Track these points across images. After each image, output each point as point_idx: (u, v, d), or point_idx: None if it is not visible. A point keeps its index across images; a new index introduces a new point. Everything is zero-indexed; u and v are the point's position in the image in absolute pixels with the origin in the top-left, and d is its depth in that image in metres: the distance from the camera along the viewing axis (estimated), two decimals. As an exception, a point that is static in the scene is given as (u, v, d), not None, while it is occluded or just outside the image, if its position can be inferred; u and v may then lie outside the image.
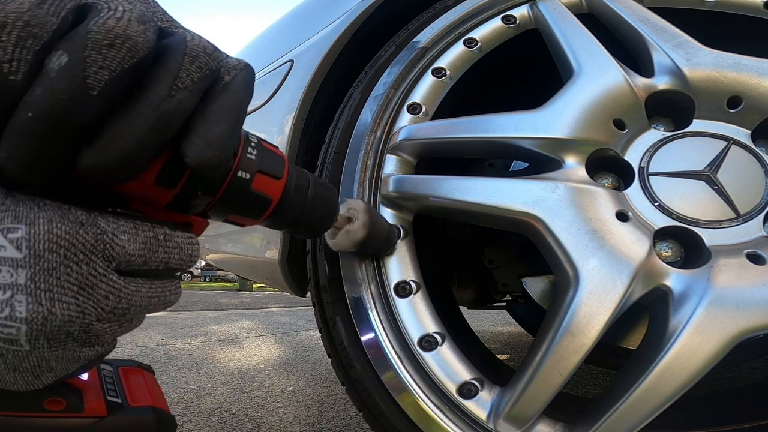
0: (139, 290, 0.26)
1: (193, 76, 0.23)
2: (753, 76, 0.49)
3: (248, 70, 0.27)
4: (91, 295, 0.23)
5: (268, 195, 0.30)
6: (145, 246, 0.25)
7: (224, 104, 0.24)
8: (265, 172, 0.29)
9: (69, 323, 0.23)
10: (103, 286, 0.24)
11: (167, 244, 0.27)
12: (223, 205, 0.28)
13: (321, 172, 0.59)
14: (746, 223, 0.44)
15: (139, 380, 0.39)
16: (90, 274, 0.23)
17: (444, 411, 0.44)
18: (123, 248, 0.24)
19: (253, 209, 0.30)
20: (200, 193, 0.27)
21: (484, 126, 0.52)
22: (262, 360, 1.80)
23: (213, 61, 0.24)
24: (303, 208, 0.33)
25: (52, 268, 0.22)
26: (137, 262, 0.25)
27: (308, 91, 0.70)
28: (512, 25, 0.64)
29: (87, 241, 0.23)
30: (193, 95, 0.23)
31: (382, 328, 0.48)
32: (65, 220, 0.22)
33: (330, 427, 0.98)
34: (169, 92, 0.22)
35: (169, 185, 0.25)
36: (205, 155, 0.23)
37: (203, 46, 0.24)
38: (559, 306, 0.42)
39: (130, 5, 0.22)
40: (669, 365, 0.38)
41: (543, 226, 0.44)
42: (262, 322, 3.40)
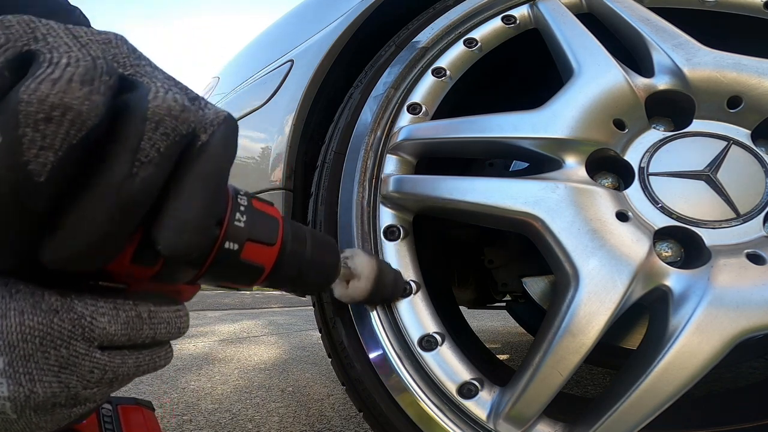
0: (125, 362, 0.25)
1: (158, 145, 0.19)
2: (753, 76, 0.49)
3: (228, 123, 0.23)
4: (74, 371, 0.23)
5: (259, 264, 0.28)
6: (128, 325, 0.24)
7: (200, 173, 0.21)
8: (256, 240, 0.27)
9: (53, 397, 0.22)
10: (86, 363, 0.23)
11: (152, 321, 0.25)
12: (212, 276, 0.27)
13: (321, 172, 0.59)
14: (746, 223, 0.44)
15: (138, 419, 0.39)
16: (71, 356, 0.22)
17: (444, 411, 0.44)
18: (104, 329, 0.23)
19: (243, 278, 0.28)
20: (184, 267, 0.25)
21: (484, 126, 0.52)
22: (262, 360, 1.80)
23: (182, 124, 0.20)
24: (300, 269, 0.31)
25: (29, 354, 0.21)
26: (121, 339, 0.24)
27: (308, 91, 0.70)
28: (512, 25, 0.64)
29: (63, 327, 0.22)
30: (161, 169, 0.20)
31: (382, 328, 0.48)
32: (37, 310, 0.21)
33: (330, 427, 0.98)
34: (131, 170, 0.19)
35: (147, 263, 0.24)
36: (180, 242, 0.21)
37: (168, 105, 0.20)
38: (559, 306, 0.42)
39: (81, 51, 0.19)
40: (669, 365, 0.38)
41: (543, 226, 0.44)
42: (262, 322, 3.40)
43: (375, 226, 0.53)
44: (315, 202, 0.58)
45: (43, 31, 0.19)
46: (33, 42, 0.18)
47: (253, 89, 0.89)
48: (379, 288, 0.42)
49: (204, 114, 0.22)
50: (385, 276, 0.43)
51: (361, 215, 0.53)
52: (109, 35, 0.22)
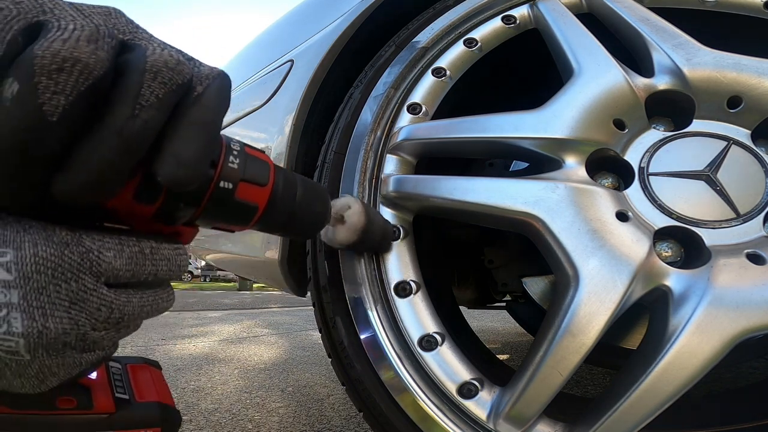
0: (131, 300, 0.27)
1: (157, 92, 0.22)
2: (753, 76, 0.49)
3: (221, 78, 0.26)
4: (83, 308, 0.24)
5: (253, 202, 0.30)
6: (132, 260, 0.26)
7: (195, 118, 0.24)
8: (249, 180, 0.29)
9: (64, 335, 0.24)
10: (94, 299, 0.24)
11: (154, 257, 0.27)
12: (209, 215, 0.28)
13: (321, 172, 0.59)
14: (746, 223, 0.44)
15: (146, 376, 0.40)
16: (80, 290, 0.24)
17: (444, 411, 0.44)
18: (110, 264, 0.25)
19: (239, 217, 0.30)
20: (182, 205, 0.27)
21: (484, 126, 0.52)
22: (262, 360, 1.80)
23: (178, 75, 0.23)
24: (292, 212, 0.33)
25: (42, 287, 0.22)
26: (125, 275, 0.26)
27: (308, 91, 0.70)
28: (512, 25, 0.64)
29: (73, 260, 0.23)
30: (160, 112, 0.22)
31: (382, 328, 0.48)
32: (50, 242, 0.23)
33: (330, 427, 0.98)
34: (132, 112, 0.21)
35: (148, 201, 0.25)
36: (178, 174, 0.23)
37: (165, 59, 0.22)
38: (559, 306, 0.42)
39: (85, 20, 0.21)
40: (669, 365, 0.38)
41: (543, 226, 0.44)
42: (262, 322, 3.40)
43: (375, 226, 0.53)
44: (315, 202, 0.58)
45: (50, 5, 0.22)
46: (41, 14, 0.21)
47: (253, 89, 0.89)
48: (367, 235, 0.43)
49: (200, 70, 0.25)
50: (374, 224, 0.44)
51: (361, 215, 0.53)
52: (109, 9, 0.24)
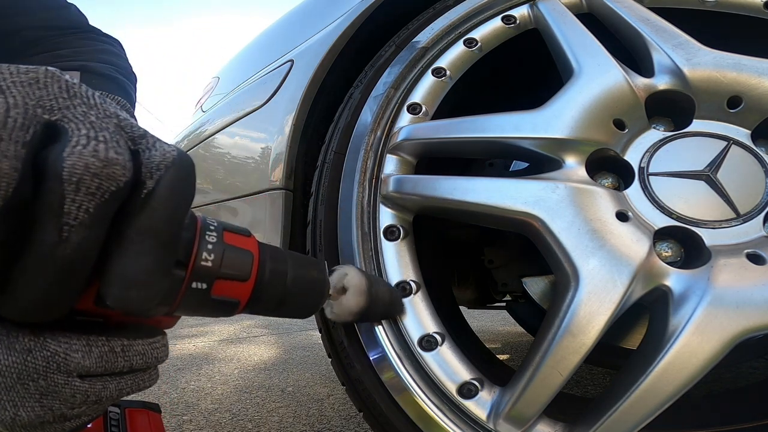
0: (107, 387, 0.26)
1: (85, 206, 0.18)
2: (753, 76, 0.49)
3: (177, 166, 0.22)
4: (56, 397, 0.24)
5: (233, 298, 0.27)
6: (102, 359, 0.25)
7: (145, 227, 0.20)
8: (227, 277, 0.26)
9: (38, 418, 0.24)
10: (67, 390, 0.24)
11: (126, 354, 0.26)
12: (184, 311, 0.27)
13: (321, 172, 0.59)
14: (746, 223, 0.44)
15: (143, 421, 0.41)
16: (50, 385, 0.23)
17: (444, 411, 0.44)
18: (78, 363, 0.24)
19: (218, 312, 0.28)
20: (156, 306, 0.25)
21: (484, 126, 0.52)
22: (262, 360, 1.80)
23: (107, 180, 0.19)
24: (283, 296, 0.31)
25: (9, 387, 0.22)
26: (98, 371, 0.25)
27: (308, 91, 0.70)
28: (512, 25, 0.64)
29: (37, 364, 0.23)
30: (94, 229, 0.19)
31: (381, 328, 0.48)
32: (12, 351, 0.22)
33: (330, 427, 0.98)
34: (60, 236, 0.18)
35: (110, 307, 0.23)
36: (127, 298, 0.20)
37: (86, 163, 0.18)
38: (559, 306, 0.42)
39: None
40: (669, 365, 0.38)
41: (543, 226, 0.44)
42: (262, 322, 3.40)
43: (375, 226, 0.53)
44: (315, 202, 0.58)
45: None
46: None
47: (253, 89, 0.89)
48: (372, 305, 0.41)
49: (150, 157, 0.21)
50: (378, 292, 0.41)
51: (361, 215, 0.53)
52: (38, 73, 0.20)
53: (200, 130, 1.03)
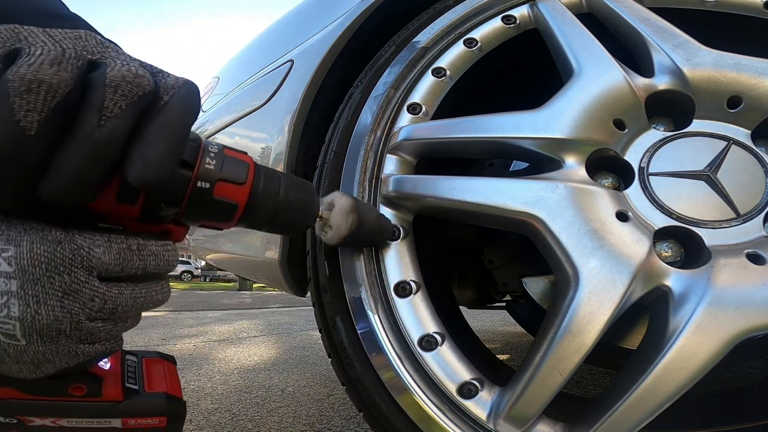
0: (122, 293, 0.29)
1: (120, 104, 0.24)
2: (753, 76, 0.49)
3: (187, 87, 0.28)
4: (76, 298, 0.27)
5: (232, 200, 0.31)
6: (120, 255, 0.28)
7: (160, 124, 0.26)
8: (227, 180, 0.30)
9: (57, 322, 0.26)
10: (87, 290, 0.27)
11: (141, 253, 0.29)
12: (191, 213, 0.30)
13: (321, 172, 0.59)
14: (746, 223, 0.44)
15: (159, 369, 0.42)
16: (72, 282, 0.26)
17: (444, 411, 0.44)
18: (99, 259, 0.27)
19: (220, 215, 0.32)
20: (163, 205, 0.29)
21: (484, 126, 0.52)
22: (262, 360, 1.80)
23: (137, 87, 0.25)
24: (276, 208, 0.34)
25: (37, 279, 0.26)
26: (115, 269, 0.28)
27: (308, 91, 0.70)
28: (512, 25, 0.64)
29: (65, 256, 0.26)
30: (124, 121, 0.24)
31: (382, 328, 0.48)
32: (45, 241, 0.26)
33: (330, 427, 0.98)
34: (99, 122, 0.24)
35: (129, 202, 0.28)
36: (145, 175, 0.24)
37: (123, 74, 0.25)
38: (559, 306, 0.42)
39: (54, 44, 0.24)
40: (669, 365, 0.38)
41: (543, 226, 0.44)
42: (262, 322, 3.40)
43: (375, 226, 0.53)
44: (315, 202, 0.58)
45: (25, 34, 0.25)
46: (17, 42, 0.24)
47: (253, 89, 0.89)
48: (360, 230, 0.43)
49: (166, 81, 0.27)
50: (367, 218, 0.44)
51: (361, 215, 0.53)
52: (80, 32, 0.27)
53: (200, 130, 1.03)
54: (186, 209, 0.30)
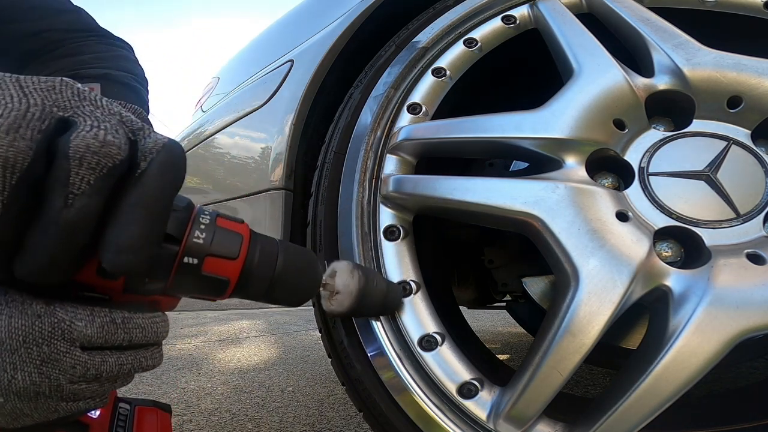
0: (106, 361, 0.28)
1: (87, 178, 0.22)
2: (753, 76, 0.49)
3: (167, 150, 0.25)
4: (56, 366, 0.26)
5: (223, 276, 0.29)
6: (103, 329, 0.27)
7: (136, 200, 0.24)
8: (217, 255, 0.28)
9: (34, 386, 0.26)
10: (68, 359, 0.26)
11: (126, 326, 0.28)
12: (179, 287, 0.29)
13: (321, 172, 0.59)
14: (746, 223, 0.44)
15: (151, 420, 0.41)
16: (52, 352, 0.26)
17: (444, 411, 0.44)
18: (81, 332, 0.26)
19: (210, 290, 0.30)
20: (148, 280, 0.28)
21: (484, 126, 0.52)
22: (262, 360, 1.80)
23: (105, 157, 0.23)
24: (273, 281, 0.32)
25: (14, 349, 0.25)
26: (98, 341, 0.27)
27: (308, 91, 0.70)
28: (512, 25, 0.64)
29: (44, 329, 0.25)
30: (94, 198, 0.22)
31: (382, 328, 0.48)
32: (24, 315, 0.25)
33: (330, 427, 0.98)
34: (65, 202, 0.22)
35: (110, 277, 0.27)
36: (120, 262, 0.23)
37: (88, 143, 0.22)
38: (559, 306, 0.42)
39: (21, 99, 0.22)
40: (669, 365, 0.38)
41: (543, 226, 0.44)
42: (262, 322, 3.40)
43: (375, 226, 0.53)
44: (315, 202, 0.58)
45: None
46: None
47: (253, 89, 0.89)
48: (364, 301, 0.40)
49: (145, 142, 0.25)
50: (373, 288, 0.41)
51: (361, 215, 0.53)
52: (54, 82, 0.25)
53: (200, 130, 1.03)
54: (173, 283, 0.28)
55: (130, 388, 1.30)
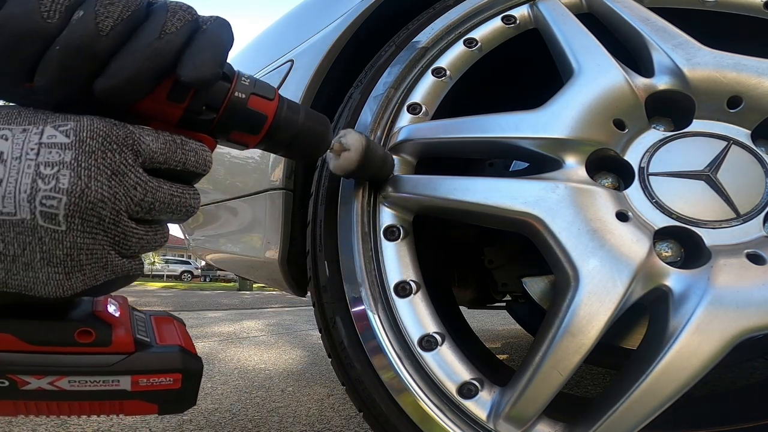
0: (161, 187, 0.31)
1: (176, 24, 0.30)
2: (753, 76, 0.49)
3: (221, 19, 0.33)
4: (122, 182, 0.29)
5: (263, 112, 0.35)
6: (166, 146, 0.31)
7: (204, 39, 0.31)
8: (258, 94, 0.35)
9: (101, 203, 0.28)
10: (132, 176, 0.29)
11: (184, 147, 0.32)
12: (226, 121, 0.34)
13: (321, 171, 0.59)
14: (746, 223, 0.44)
15: (170, 327, 0.40)
16: (121, 163, 0.29)
17: (444, 411, 0.44)
18: (148, 146, 0.30)
19: (251, 125, 0.36)
20: (205, 108, 0.33)
21: (484, 126, 0.52)
22: (262, 360, 1.80)
23: (189, 15, 0.31)
24: (296, 131, 0.38)
25: (92, 151, 0.28)
26: (159, 159, 0.31)
27: (308, 91, 0.70)
28: (512, 25, 0.64)
29: (119, 135, 0.29)
30: (178, 37, 0.30)
31: (382, 328, 0.48)
32: (102, 120, 0.29)
33: (330, 427, 0.98)
34: (159, 35, 0.29)
35: (178, 100, 0.32)
36: (194, 73, 0.29)
37: (179, 6, 0.31)
38: (559, 306, 0.42)
39: None
40: (669, 365, 0.38)
41: (543, 226, 0.44)
42: (262, 322, 3.40)
43: (375, 226, 0.53)
44: (315, 202, 0.58)
45: None
46: None
47: (253, 89, 0.88)
48: (368, 161, 0.46)
49: (203, 17, 0.33)
50: (374, 151, 0.47)
51: (361, 215, 0.53)
52: None
53: (200, 130, 1.03)
54: (223, 116, 0.34)
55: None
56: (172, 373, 0.35)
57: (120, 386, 0.32)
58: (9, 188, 0.26)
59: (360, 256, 0.51)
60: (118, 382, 0.32)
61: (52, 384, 0.30)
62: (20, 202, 0.26)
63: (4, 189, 0.26)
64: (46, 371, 0.30)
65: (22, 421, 0.97)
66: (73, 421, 0.98)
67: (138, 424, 0.97)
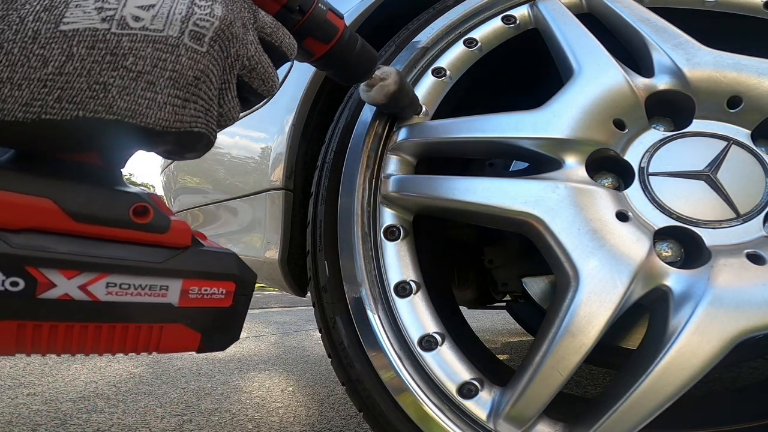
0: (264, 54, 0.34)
1: None
2: (753, 76, 0.49)
3: None
4: (245, 35, 0.32)
5: (336, 24, 0.42)
6: (274, 23, 0.36)
7: None
8: (334, 12, 0.42)
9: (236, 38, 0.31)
10: (250, 34, 0.33)
11: (284, 30, 0.37)
12: (308, 24, 0.40)
13: (321, 172, 0.59)
14: (746, 223, 0.44)
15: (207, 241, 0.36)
16: (247, 19, 0.33)
17: (444, 411, 0.44)
18: (263, 19, 0.35)
19: (325, 33, 0.41)
20: (298, 8, 0.39)
21: (484, 126, 0.52)
22: (262, 360, 1.80)
23: None
24: (353, 52, 0.44)
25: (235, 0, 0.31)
26: (267, 30, 0.35)
27: (308, 91, 0.70)
28: (512, 25, 0.64)
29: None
30: None
31: (382, 328, 0.48)
32: None
33: (330, 427, 0.98)
34: None
35: None
36: None
37: None
38: (559, 306, 0.42)
39: None
40: (669, 365, 0.38)
41: (543, 226, 0.44)
42: (262, 321, 3.40)
43: (375, 226, 0.53)
44: (315, 202, 0.58)
45: None
46: None
47: (253, 89, 0.88)
48: (401, 94, 0.51)
49: None
50: (407, 88, 0.52)
51: (361, 215, 0.53)
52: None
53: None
54: (308, 19, 0.39)
55: (131, 388, 1.30)
56: (227, 280, 0.30)
57: (167, 298, 0.27)
58: (162, 10, 0.27)
59: (360, 256, 0.51)
60: (165, 291, 0.27)
61: (82, 289, 0.24)
62: (172, 22, 0.27)
63: (157, 10, 0.27)
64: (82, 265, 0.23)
65: (22, 421, 0.97)
66: (73, 421, 0.98)
67: (138, 424, 0.98)
